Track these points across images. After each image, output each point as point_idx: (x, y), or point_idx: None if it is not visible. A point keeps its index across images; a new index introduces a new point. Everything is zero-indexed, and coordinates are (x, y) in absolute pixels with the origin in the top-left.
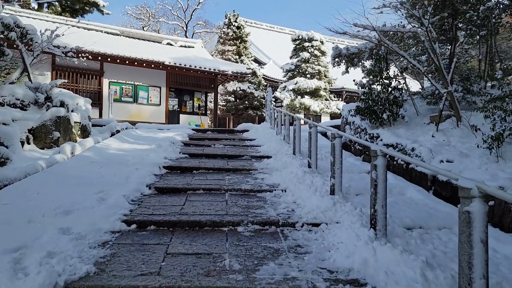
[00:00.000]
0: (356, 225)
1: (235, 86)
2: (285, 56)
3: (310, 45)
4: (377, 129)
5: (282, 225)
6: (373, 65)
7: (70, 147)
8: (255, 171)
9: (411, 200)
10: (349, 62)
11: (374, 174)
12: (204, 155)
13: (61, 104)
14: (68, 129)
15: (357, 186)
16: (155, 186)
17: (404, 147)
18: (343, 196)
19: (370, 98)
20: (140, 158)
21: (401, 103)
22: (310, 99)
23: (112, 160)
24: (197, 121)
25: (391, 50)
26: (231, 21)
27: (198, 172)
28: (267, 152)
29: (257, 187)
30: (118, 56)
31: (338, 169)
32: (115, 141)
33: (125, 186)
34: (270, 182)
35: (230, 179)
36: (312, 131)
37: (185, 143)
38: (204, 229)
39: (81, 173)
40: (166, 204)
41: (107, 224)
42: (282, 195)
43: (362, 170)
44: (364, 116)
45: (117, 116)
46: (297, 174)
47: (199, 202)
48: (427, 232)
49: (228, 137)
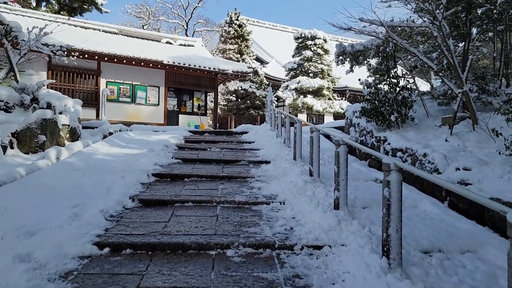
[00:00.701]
0: (365, 250)
1: (237, 86)
2: (288, 55)
3: (313, 44)
4: (384, 132)
5: (279, 247)
6: (380, 63)
7: (55, 152)
8: (252, 179)
9: (426, 215)
10: (354, 60)
11: (387, 192)
12: (198, 160)
13: (47, 106)
14: (55, 132)
15: (363, 197)
16: (139, 198)
17: (415, 152)
18: (348, 211)
19: (377, 98)
20: (128, 164)
21: (411, 104)
22: (312, 99)
23: (97, 167)
24: (196, 121)
25: (399, 47)
26: (232, 19)
27: (190, 180)
28: (266, 156)
29: (252, 199)
30: (116, 55)
31: (343, 181)
32: (104, 145)
33: (105, 198)
34: (267, 192)
35: (224, 189)
36: (314, 136)
37: (180, 147)
38: (188, 253)
39: (59, 183)
40: (149, 220)
41: (76, 247)
42: (280, 209)
43: (368, 177)
44: (370, 117)
45: (114, 117)
46: (297, 183)
47: (186, 218)
48: (448, 257)
49: (226, 139)
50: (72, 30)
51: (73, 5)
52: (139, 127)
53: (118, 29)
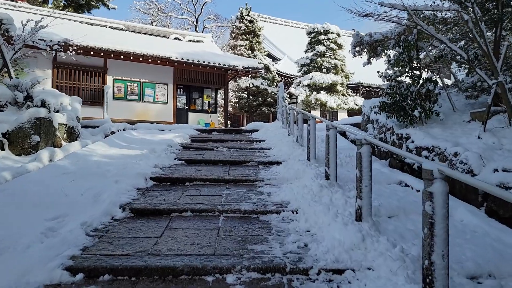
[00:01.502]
0: (399, 278)
1: (248, 82)
2: (300, 51)
3: (326, 38)
4: (406, 129)
5: (291, 271)
6: (401, 53)
7: (47, 154)
8: (261, 182)
9: (464, 226)
10: (372, 51)
11: (430, 207)
12: (203, 162)
13: (42, 104)
14: (50, 132)
15: (388, 204)
16: (131, 207)
17: (443, 151)
18: (373, 223)
19: (398, 92)
20: (124, 167)
21: (436, 97)
22: (326, 95)
23: (90, 170)
24: (206, 119)
25: (422, 36)
26: (243, 14)
27: (191, 185)
28: (277, 156)
29: (260, 207)
30: (122, 52)
31: (367, 187)
32: (102, 145)
33: (92, 207)
34: (277, 199)
35: (229, 195)
36: (330, 134)
37: (185, 146)
38: (180, 279)
39: (43, 190)
40: (138, 235)
41: (43, 273)
42: (292, 219)
43: (391, 179)
44: (390, 113)
45: (122, 115)
46: (312, 188)
47: (182, 232)
48: (502, 285)
49: (235, 138)
50: (78, 27)
51: (80, 2)
52: (145, 126)
53: (125, 25)
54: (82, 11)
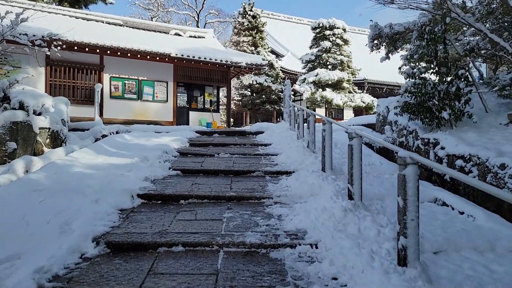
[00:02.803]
0: None
1: (251, 79)
2: (304, 48)
3: (332, 34)
4: (434, 133)
5: None
6: (425, 46)
7: (23, 164)
8: (269, 200)
9: None
10: (391, 45)
11: None
12: (202, 172)
13: (20, 106)
14: (29, 138)
15: (432, 234)
16: (107, 240)
17: (484, 162)
18: (422, 270)
19: (423, 90)
20: (108, 181)
21: (468, 97)
22: (332, 92)
23: (67, 185)
24: (208, 118)
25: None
26: (246, 10)
27: (187, 203)
28: (286, 165)
29: (270, 238)
30: (119, 48)
31: (413, 221)
32: (88, 152)
33: (57, 241)
34: (291, 226)
35: (231, 219)
36: (354, 144)
37: (182, 152)
38: None
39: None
40: (111, 284)
41: None
42: (312, 258)
43: (424, 196)
44: (414, 114)
45: (119, 115)
46: (334, 212)
47: (169, 280)
48: None
49: (238, 141)
50: (72, 22)
51: None
52: (141, 127)
53: (123, 21)
54: (79, 7)
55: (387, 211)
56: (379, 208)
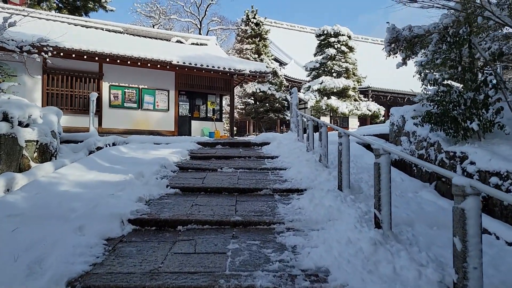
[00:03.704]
0: None
1: (255, 88)
2: (307, 56)
3: (337, 41)
4: (460, 145)
5: None
6: (447, 50)
7: (3, 182)
8: (280, 225)
9: None
10: (409, 49)
11: None
12: (203, 190)
13: (4, 117)
14: (13, 152)
15: (490, 282)
16: (84, 286)
17: None
18: None
19: (447, 99)
20: (96, 203)
21: (500, 105)
22: (337, 100)
23: (47, 209)
24: (211, 128)
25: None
26: (249, 17)
27: (185, 230)
28: (297, 181)
29: (285, 281)
30: (119, 56)
31: (476, 269)
32: (78, 168)
33: None
34: (309, 262)
35: (237, 253)
36: (381, 163)
37: (182, 167)
38: None
39: None
40: None
41: None
42: None
43: None
44: (437, 125)
45: (119, 125)
46: (361, 246)
47: None
48: None
49: (242, 153)
50: (70, 29)
51: (76, 4)
52: (140, 138)
53: (123, 28)
54: (79, 14)
55: (419, 241)
56: (411, 237)
